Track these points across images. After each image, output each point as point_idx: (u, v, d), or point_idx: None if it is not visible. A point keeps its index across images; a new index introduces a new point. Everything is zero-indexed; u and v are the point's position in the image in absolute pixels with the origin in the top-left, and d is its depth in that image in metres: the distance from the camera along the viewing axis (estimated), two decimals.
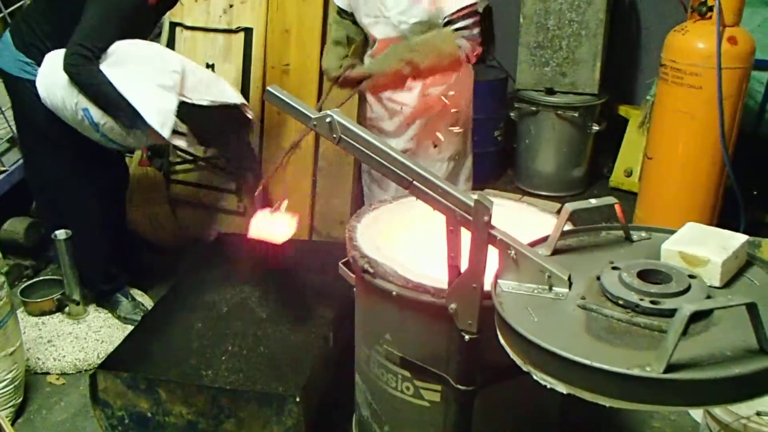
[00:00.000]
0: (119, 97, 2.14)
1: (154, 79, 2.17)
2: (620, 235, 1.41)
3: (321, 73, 2.98)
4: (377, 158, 1.31)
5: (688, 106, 2.79)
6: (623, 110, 4.09)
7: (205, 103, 2.26)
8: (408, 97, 2.35)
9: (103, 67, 2.18)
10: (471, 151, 2.60)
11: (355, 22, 2.41)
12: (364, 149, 1.32)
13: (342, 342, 2.07)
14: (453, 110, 2.39)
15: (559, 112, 3.88)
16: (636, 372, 0.98)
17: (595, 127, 3.92)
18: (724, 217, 2.99)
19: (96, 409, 1.91)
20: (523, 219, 1.82)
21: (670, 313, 1.06)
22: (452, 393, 1.45)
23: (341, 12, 2.43)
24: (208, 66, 3.12)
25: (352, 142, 1.32)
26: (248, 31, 3.06)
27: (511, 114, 4.06)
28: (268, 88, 1.44)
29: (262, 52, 3.07)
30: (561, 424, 1.79)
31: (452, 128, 2.42)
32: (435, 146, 2.42)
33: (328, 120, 1.33)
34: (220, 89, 2.34)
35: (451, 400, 1.48)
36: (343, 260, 1.80)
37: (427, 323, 1.53)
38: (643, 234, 1.42)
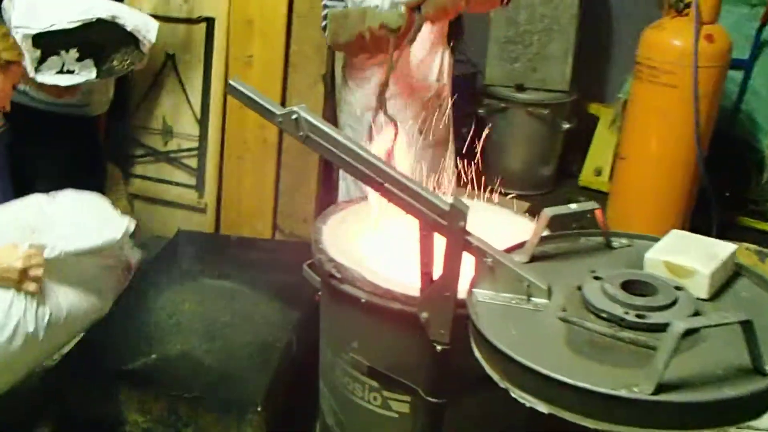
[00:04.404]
0: None
1: None
2: (600, 241, 1.36)
3: (286, 66, 2.89)
4: (346, 158, 1.22)
5: (663, 105, 2.77)
6: (594, 108, 4.08)
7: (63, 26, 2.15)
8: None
9: None
10: (453, 143, 2.52)
11: None
12: (332, 148, 1.23)
13: (306, 345, 1.99)
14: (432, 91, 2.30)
15: (529, 109, 3.85)
16: (623, 393, 0.91)
17: (566, 125, 3.90)
18: (695, 217, 2.98)
19: (51, 413, 1.84)
20: (495, 221, 1.76)
21: (657, 328, 1.02)
22: (422, 405, 1.38)
23: None
24: (168, 56, 2.99)
25: (319, 140, 1.23)
26: (210, 21, 2.94)
27: (480, 110, 4.00)
28: (230, 81, 1.35)
29: (225, 43, 2.95)
30: None
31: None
32: (420, 132, 2.33)
33: (294, 117, 1.24)
34: (85, 8, 2.24)
35: (420, 411, 1.41)
36: (308, 262, 1.72)
37: (397, 332, 1.46)
38: (624, 241, 1.36)
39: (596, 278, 1.16)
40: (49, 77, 2.18)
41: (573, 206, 1.32)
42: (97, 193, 1.99)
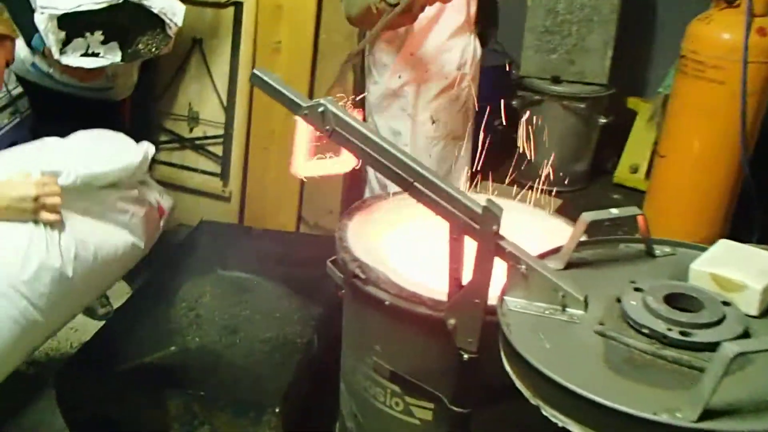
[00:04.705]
0: None
1: None
2: (641, 249, 1.28)
3: (315, 54, 2.83)
4: (374, 155, 1.16)
5: (708, 102, 2.63)
6: (632, 103, 3.95)
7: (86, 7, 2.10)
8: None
9: None
10: (471, 137, 2.43)
11: None
12: (359, 144, 1.17)
13: (327, 342, 1.94)
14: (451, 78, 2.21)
15: (564, 102, 3.73)
16: (665, 419, 0.84)
17: (602, 120, 3.79)
18: (736, 221, 2.85)
19: (62, 410, 1.80)
20: (527, 222, 1.69)
21: (703, 347, 0.95)
22: (446, 413, 1.32)
23: None
24: (195, 41, 2.95)
25: (346, 135, 1.17)
26: (238, 5, 2.89)
27: (513, 102, 3.89)
28: (254, 70, 1.29)
29: (253, 28, 2.89)
30: None
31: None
32: (433, 122, 2.26)
33: (320, 110, 1.18)
34: None
35: (444, 420, 1.36)
36: (332, 258, 1.66)
37: (422, 337, 1.40)
38: (667, 249, 1.28)
39: (637, 290, 1.08)
40: (73, 59, 2.15)
41: (614, 211, 1.24)
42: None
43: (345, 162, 1.48)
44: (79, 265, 1.56)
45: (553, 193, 3.65)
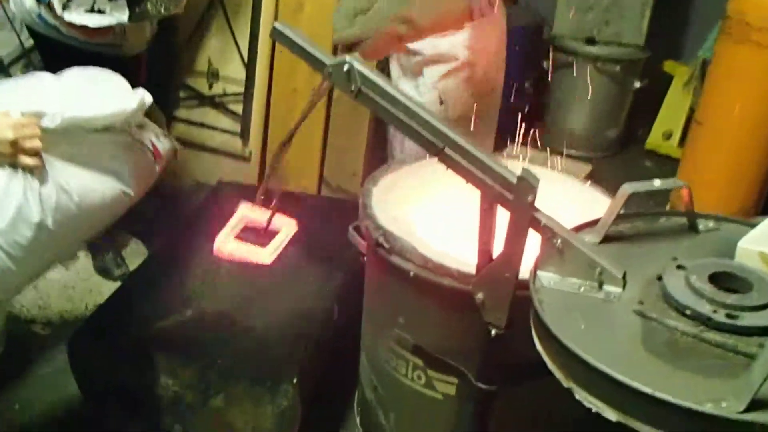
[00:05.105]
0: None
1: None
2: (682, 223, 1.20)
3: None
4: (403, 118, 1.09)
5: (752, 67, 2.52)
6: (669, 66, 3.80)
7: None
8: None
9: None
10: (494, 124, 2.26)
11: None
12: (388, 106, 1.10)
13: (348, 311, 1.88)
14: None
15: (598, 64, 3.59)
16: (709, 409, 0.79)
17: (637, 84, 3.65)
18: None
19: (76, 376, 1.76)
20: (558, 191, 1.60)
21: (751, 331, 0.89)
22: (470, 389, 1.28)
23: None
24: None
25: (373, 96, 1.11)
26: None
27: (544, 64, 3.76)
28: (275, 24, 1.22)
29: None
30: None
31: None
32: (441, 102, 2.13)
33: (345, 68, 1.11)
34: None
35: (468, 397, 1.32)
36: (354, 224, 1.61)
37: (448, 311, 1.35)
38: (711, 224, 1.21)
39: (679, 267, 1.02)
40: (77, 16, 2.02)
41: (657, 182, 1.17)
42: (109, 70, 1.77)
43: (264, 255, 1.47)
44: (60, 214, 1.45)
45: (583, 160, 3.56)
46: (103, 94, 1.62)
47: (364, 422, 1.77)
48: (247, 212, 1.48)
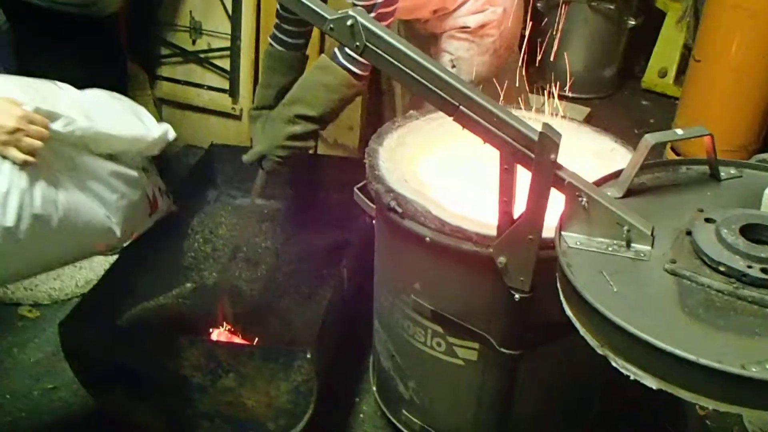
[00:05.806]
0: None
1: None
2: (704, 171, 1.16)
3: None
4: (413, 74, 1.02)
5: (749, 1, 2.42)
6: (661, 2, 3.69)
7: None
8: None
9: None
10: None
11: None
12: (396, 62, 1.03)
13: (360, 275, 1.78)
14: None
15: (593, 3, 3.51)
16: (755, 373, 0.75)
17: (631, 22, 3.58)
18: None
19: (70, 362, 1.61)
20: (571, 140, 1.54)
21: None
22: (493, 355, 1.24)
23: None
24: None
25: (381, 52, 1.03)
26: None
27: (538, 4, 3.66)
28: None
29: None
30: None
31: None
32: (453, 66, 1.99)
33: (349, 23, 1.03)
34: None
35: (491, 362, 1.28)
36: (359, 185, 1.54)
37: (467, 275, 1.29)
38: (732, 171, 1.17)
39: (708, 220, 0.98)
40: None
41: (679, 132, 1.12)
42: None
43: None
44: (38, 224, 1.30)
45: (581, 101, 3.47)
46: (126, 117, 1.53)
47: (382, 391, 1.71)
48: None
